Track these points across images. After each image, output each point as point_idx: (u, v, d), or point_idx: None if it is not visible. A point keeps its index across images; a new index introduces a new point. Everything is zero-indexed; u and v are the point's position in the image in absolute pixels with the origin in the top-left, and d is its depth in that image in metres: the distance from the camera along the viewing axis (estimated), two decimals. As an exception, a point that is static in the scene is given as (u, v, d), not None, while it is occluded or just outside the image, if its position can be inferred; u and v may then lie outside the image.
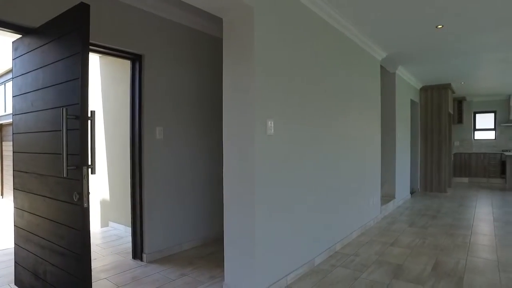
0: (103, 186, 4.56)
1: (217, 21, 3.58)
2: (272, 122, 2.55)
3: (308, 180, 3.09)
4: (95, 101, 4.55)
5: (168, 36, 3.41)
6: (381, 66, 5.70)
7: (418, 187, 7.67)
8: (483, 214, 5.31)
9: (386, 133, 5.85)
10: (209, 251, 3.58)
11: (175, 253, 3.50)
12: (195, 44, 3.70)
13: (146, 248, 3.25)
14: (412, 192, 7.43)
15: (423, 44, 4.57)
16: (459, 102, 9.51)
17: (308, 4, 3.01)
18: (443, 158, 7.46)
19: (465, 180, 9.42)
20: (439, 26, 3.91)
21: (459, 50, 4.86)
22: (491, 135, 9.71)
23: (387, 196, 5.85)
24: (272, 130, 2.55)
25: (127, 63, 3.31)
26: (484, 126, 9.82)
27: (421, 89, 7.64)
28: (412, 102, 7.32)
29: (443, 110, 7.43)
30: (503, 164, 8.71)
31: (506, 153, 7.80)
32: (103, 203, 4.56)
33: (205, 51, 3.81)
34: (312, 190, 3.17)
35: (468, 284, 2.77)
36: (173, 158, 3.48)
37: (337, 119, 3.63)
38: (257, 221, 2.42)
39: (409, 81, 6.71)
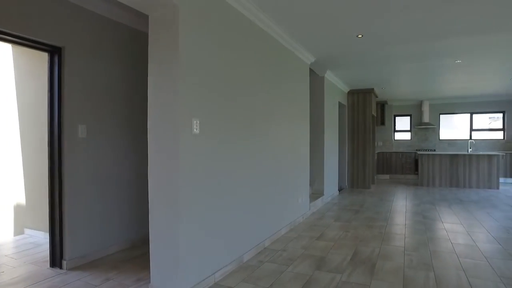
0: (18, 190, 4.16)
1: (146, 16, 3.49)
2: (198, 121, 2.56)
3: (236, 180, 3.16)
4: (6, 96, 4.14)
5: (92, 30, 3.24)
6: (311, 70, 6.03)
7: (346, 184, 8.22)
8: (398, 207, 5.88)
9: (315, 134, 6.18)
10: (137, 253, 3.48)
11: (100, 257, 3.33)
12: (122, 39, 3.57)
13: (66, 254, 3.05)
14: (340, 189, 7.94)
15: (346, 50, 4.94)
16: (382, 106, 10.40)
17: (235, 5, 3.08)
18: (367, 157, 8.09)
19: (387, 176, 10.32)
20: (359, 36, 4.26)
21: (378, 58, 5.33)
22: (407, 136, 10.77)
23: (316, 193, 6.18)
24: (198, 130, 2.56)
25: (45, 56, 3.08)
26: (402, 127, 10.86)
27: (348, 92, 8.20)
28: (340, 104, 7.82)
29: (367, 112, 8.06)
30: (416, 162, 9.71)
31: (418, 152, 8.71)
32: (17, 208, 4.16)
33: (132, 46, 3.69)
34: (240, 190, 3.24)
35: (379, 268, 3.07)
36: (97, 157, 3.31)
37: (266, 120, 3.76)
38: (182, 220, 2.42)
39: (337, 84, 7.17)
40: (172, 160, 2.40)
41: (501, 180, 9.09)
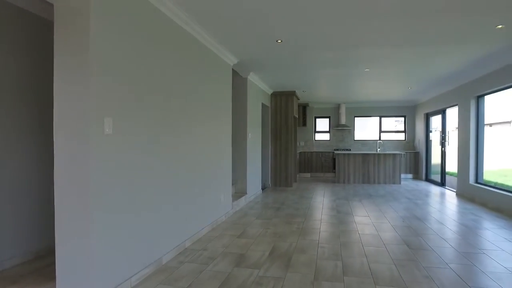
0: None
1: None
2: (111, 121, 2.45)
3: (155, 181, 3.09)
4: None
5: (-14, 16, 2.88)
6: (235, 71, 6.13)
7: (269, 182, 8.51)
8: (316, 203, 6.28)
9: (238, 133, 6.31)
10: (42, 264, 3.18)
11: (-3, 271, 2.98)
12: (24, 26, 3.24)
13: (-48, 270, 2.67)
14: (263, 188, 8.21)
15: (268, 54, 5.13)
16: (304, 108, 11.00)
17: (153, 1, 3.01)
18: (289, 157, 8.49)
19: (308, 175, 10.95)
20: (279, 41, 4.46)
21: (298, 63, 5.64)
22: (327, 136, 11.56)
23: (239, 193, 6.30)
24: (111, 130, 2.45)
25: None
26: (322, 129, 11.61)
27: (272, 94, 8.51)
28: (264, 106, 8.09)
29: (289, 114, 8.46)
30: (334, 161, 10.46)
31: (335, 152, 9.42)
32: None
33: (35, 35, 3.37)
34: (159, 191, 3.18)
35: (294, 261, 3.26)
36: (-7, 159, 2.95)
37: (186, 120, 3.74)
38: (92, 225, 2.29)
39: (261, 86, 7.40)
40: (81, 161, 2.26)
41: (402, 176, 10.27)
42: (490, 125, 7.23)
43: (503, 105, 6.54)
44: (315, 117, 11.58)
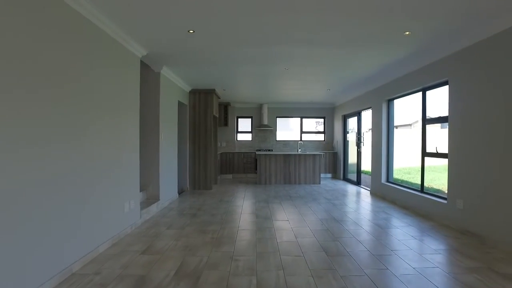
0: None
1: None
2: None
3: (29, 191, 2.39)
4: None
5: None
6: (146, 64, 5.48)
7: (188, 186, 7.96)
8: (235, 207, 5.94)
9: (149, 133, 5.67)
10: None
11: None
12: None
13: None
14: (181, 192, 7.63)
15: (180, 46, 4.61)
16: (225, 107, 10.64)
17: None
18: (209, 158, 8.04)
19: (230, 176, 10.62)
20: (191, 31, 3.99)
21: (215, 58, 5.22)
22: (249, 137, 11.37)
23: (151, 199, 5.67)
24: None
25: None
26: (244, 129, 11.39)
27: (190, 92, 7.97)
28: (181, 103, 7.51)
29: (209, 113, 8.00)
30: (256, 162, 10.30)
31: (257, 152, 9.24)
32: None
33: None
34: (38, 204, 2.48)
35: (203, 281, 2.83)
36: None
37: (79, 116, 3.06)
38: None
39: (176, 82, 6.81)
40: None
41: (322, 175, 10.55)
42: (396, 127, 7.71)
43: (405, 109, 6.99)
44: (237, 117, 11.31)
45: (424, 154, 5.44)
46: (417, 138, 5.65)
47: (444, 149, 4.82)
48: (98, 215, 3.53)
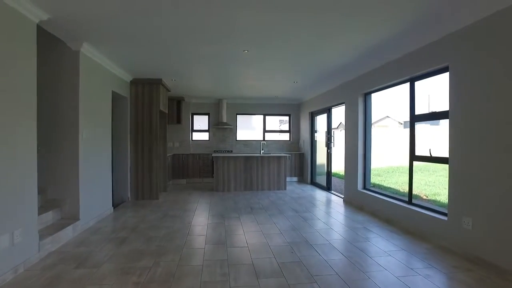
0: None
1: None
2: None
3: None
4: None
5: None
6: (57, 38, 4.06)
7: (129, 195, 6.55)
8: (181, 226, 4.67)
9: (63, 133, 4.26)
10: None
11: None
12: None
13: None
14: (120, 203, 6.22)
15: (101, 9, 3.26)
16: (178, 102, 9.27)
17: None
18: (155, 161, 6.67)
19: (183, 181, 9.27)
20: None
21: (153, 33, 3.90)
22: (206, 136, 10.07)
23: (68, 219, 4.26)
24: None
25: None
26: (201, 127, 10.08)
27: (131, 82, 6.55)
28: (118, 96, 6.09)
29: (154, 107, 6.64)
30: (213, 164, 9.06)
31: (213, 154, 7.97)
32: None
33: None
34: None
35: None
36: None
37: None
38: None
39: (109, 68, 5.39)
40: None
41: (288, 179, 9.49)
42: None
43: (376, 106, 6.08)
44: (192, 114, 9.96)
45: (413, 158, 4.49)
46: (389, 135, 4.70)
47: (442, 152, 3.88)
48: None
